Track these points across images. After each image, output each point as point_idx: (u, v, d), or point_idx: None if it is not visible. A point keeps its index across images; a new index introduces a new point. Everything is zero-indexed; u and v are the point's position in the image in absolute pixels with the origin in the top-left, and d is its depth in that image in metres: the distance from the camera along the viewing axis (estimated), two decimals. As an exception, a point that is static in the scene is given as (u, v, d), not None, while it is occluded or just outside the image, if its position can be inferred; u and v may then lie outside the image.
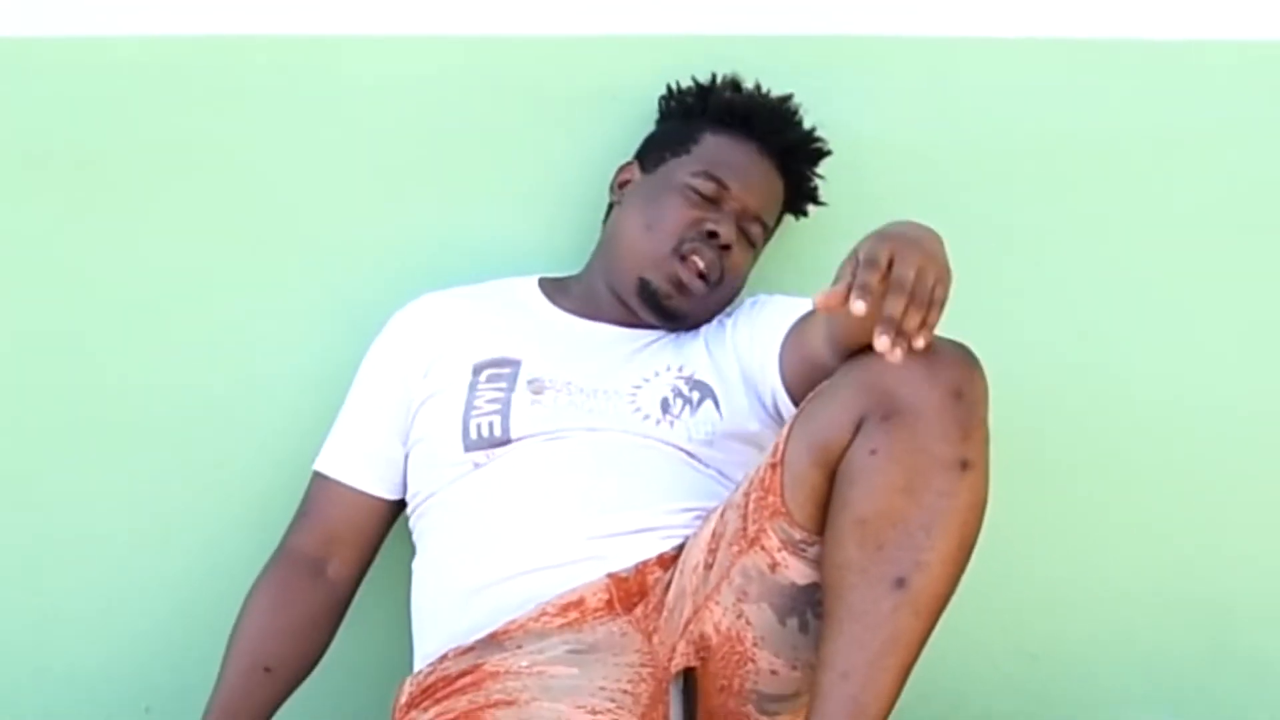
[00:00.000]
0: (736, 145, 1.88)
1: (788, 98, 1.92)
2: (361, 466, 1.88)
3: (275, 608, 1.86)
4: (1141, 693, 2.13)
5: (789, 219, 1.97)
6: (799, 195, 1.96)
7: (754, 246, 1.89)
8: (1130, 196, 2.05)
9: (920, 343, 1.40)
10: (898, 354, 1.38)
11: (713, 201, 1.85)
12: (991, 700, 2.10)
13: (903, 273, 1.40)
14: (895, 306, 1.39)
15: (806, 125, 1.93)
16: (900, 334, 1.39)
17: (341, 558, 1.89)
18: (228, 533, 2.00)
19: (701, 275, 1.83)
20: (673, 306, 1.84)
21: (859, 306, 1.37)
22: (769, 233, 1.92)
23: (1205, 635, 2.10)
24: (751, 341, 1.84)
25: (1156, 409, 2.08)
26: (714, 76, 1.92)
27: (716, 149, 1.88)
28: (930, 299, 1.41)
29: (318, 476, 1.90)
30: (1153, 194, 2.06)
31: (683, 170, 1.86)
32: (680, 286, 1.83)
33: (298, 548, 1.89)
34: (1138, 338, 2.08)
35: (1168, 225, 2.06)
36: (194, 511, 2.02)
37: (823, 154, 1.94)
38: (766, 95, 1.93)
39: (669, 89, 1.94)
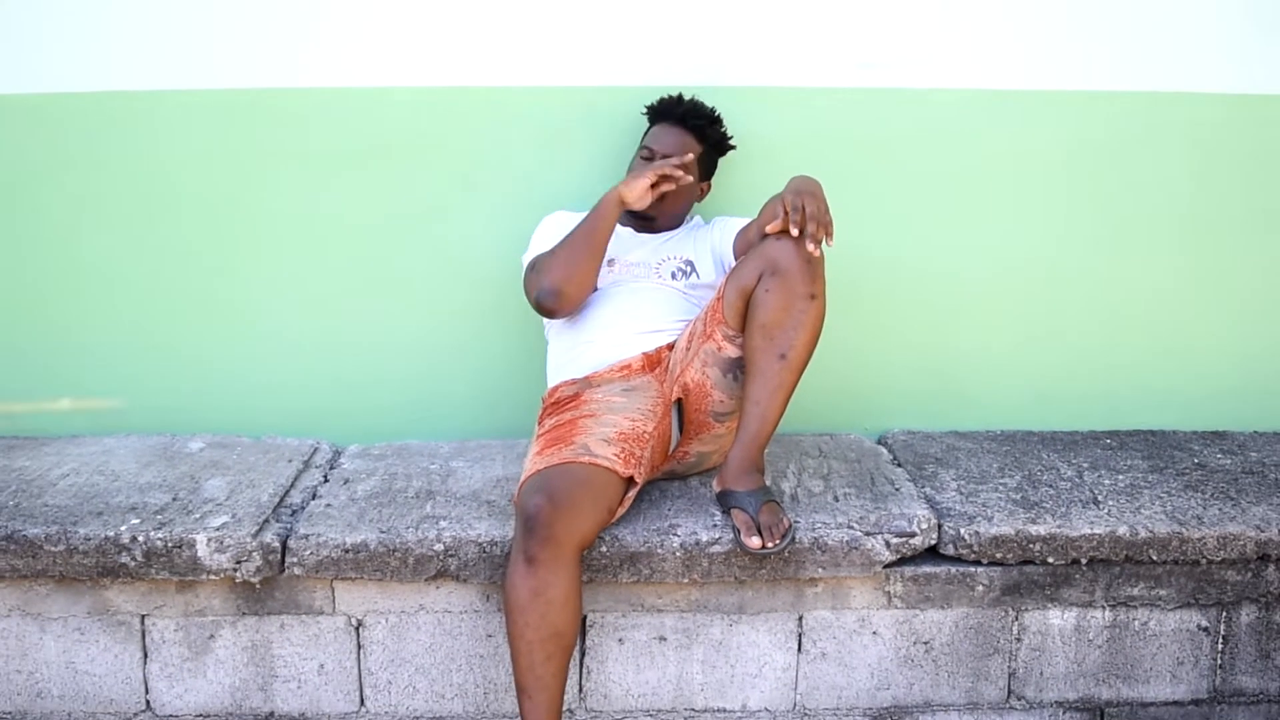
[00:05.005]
0: (663, 128, 2.65)
1: (694, 98, 2.65)
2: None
3: None
4: (902, 409, 2.90)
5: (729, 170, 2.70)
6: (717, 146, 2.69)
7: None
8: (896, 172, 2.80)
9: (830, 244, 2.11)
10: (817, 251, 2.10)
11: (649, 160, 2.58)
12: (826, 415, 2.86)
13: (813, 211, 2.12)
14: (813, 229, 2.12)
15: (705, 112, 2.63)
16: (815, 241, 2.10)
17: None
18: (450, 327, 2.93)
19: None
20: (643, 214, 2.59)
21: (795, 231, 2.04)
22: (694, 170, 2.62)
23: (931, 381, 2.85)
24: (720, 237, 2.63)
25: (916, 269, 2.83)
26: (663, 97, 2.69)
27: (654, 132, 2.66)
28: (827, 221, 2.14)
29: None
30: (909, 174, 2.80)
31: (641, 146, 2.63)
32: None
33: None
34: (904, 236, 2.81)
35: (921, 188, 2.81)
36: (437, 312, 2.90)
37: (714, 118, 2.64)
38: (682, 99, 2.65)
39: (647, 106, 2.71)
